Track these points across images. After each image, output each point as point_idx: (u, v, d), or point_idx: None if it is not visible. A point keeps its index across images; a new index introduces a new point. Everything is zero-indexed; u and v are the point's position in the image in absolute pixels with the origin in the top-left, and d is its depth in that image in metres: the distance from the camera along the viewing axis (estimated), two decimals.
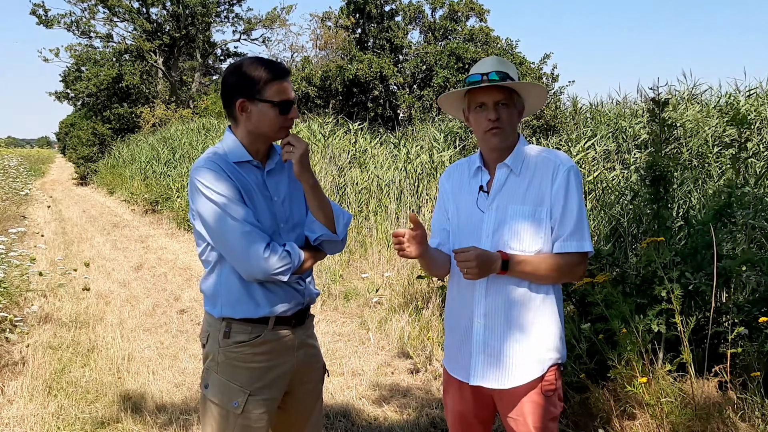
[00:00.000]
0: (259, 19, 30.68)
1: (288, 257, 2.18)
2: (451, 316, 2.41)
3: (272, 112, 2.17)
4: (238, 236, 2.12)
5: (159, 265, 9.29)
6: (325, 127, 13.19)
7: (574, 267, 2.19)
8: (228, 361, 2.24)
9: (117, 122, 29.04)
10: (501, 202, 2.23)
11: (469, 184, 2.34)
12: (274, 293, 2.24)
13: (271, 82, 2.16)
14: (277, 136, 2.24)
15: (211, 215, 2.15)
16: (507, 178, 2.25)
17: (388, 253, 7.64)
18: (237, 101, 2.19)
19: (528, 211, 2.18)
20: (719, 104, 11.59)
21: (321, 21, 24.57)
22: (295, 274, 2.23)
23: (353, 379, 4.76)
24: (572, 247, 2.16)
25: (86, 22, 29.42)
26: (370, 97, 21.81)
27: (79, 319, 6.32)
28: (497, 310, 2.22)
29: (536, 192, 2.19)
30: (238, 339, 2.24)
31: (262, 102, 2.16)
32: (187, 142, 17.29)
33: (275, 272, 2.15)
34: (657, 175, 3.90)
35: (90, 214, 15.84)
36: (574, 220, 2.16)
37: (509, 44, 22.49)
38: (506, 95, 2.21)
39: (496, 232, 2.21)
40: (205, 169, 2.18)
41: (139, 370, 5.01)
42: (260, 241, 2.13)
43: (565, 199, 2.16)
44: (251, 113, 2.19)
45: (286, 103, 2.19)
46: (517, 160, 2.25)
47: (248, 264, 2.14)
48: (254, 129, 2.21)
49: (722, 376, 3.51)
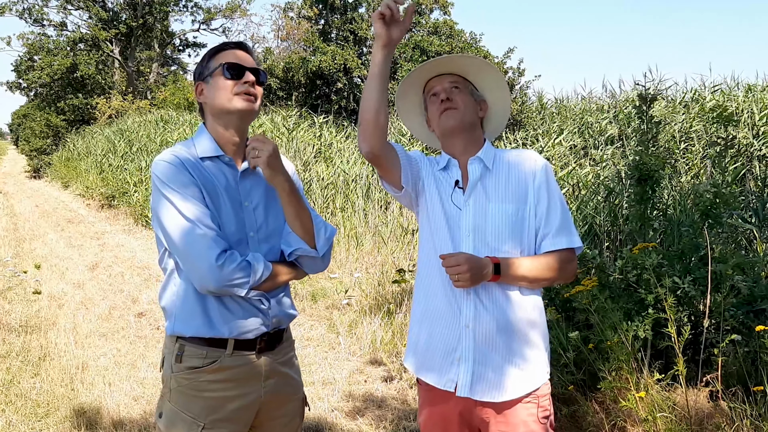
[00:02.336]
0: (219, 8, 30.12)
1: (247, 268, 1.90)
2: (427, 320, 2.13)
3: (220, 81, 1.98)
4: (192, 240, 1.86)
5: (116, 264, 8.88)
6: (289, 120, 12.88)
7: (566, 264, 2.05)
8: (180, 388, 1.97)
9: (72, 113, 28.18)
10: (478, 199, 2.07)
11: (436, 178, 2.14)
12: (230, 311, 1.95)
13: (215, 54, 2.02)
14: (233, 106, 1.97)
15: (165, 214, 1.89)
16: (482, 174, 2.09)
17: (357, 251, 7.40)
18: (196, 89, 2.04)
19: (511, 209, 2.04)
20: (684, 100, 11.64)
21: (283, 11, 24.13)
22: (261, 290, 1.96)
23: (324, 388, 4.52)
24: (562, 243, 2.03)
25: (39, 10, 28.52)
26: (334, 89, 21.51)
27: (29, 324, 5.95)
28: (487, 314, 2.01)
29: (516, 188, 2.06)
30: (191, 364, 1.96)
31: (209, 76, 2.00)
32: (144, 135, 16.76)
33: (229, 284, 1.87)
34: (644, 174, 3.73)
35: (43, 209, 15.24)
36: (560, 216, 2.05)
37: (473, 38, 22.39)
38: (457, 79, 2.17)
39: (476, 230, 2.04)
40: (164, 162, 1.92)
41: (94, 380, 4.69)
42: (215, 247, 1.86)
43: (548, 195, 2.06)
44: (206, 94, 2.02)
45: (233, 66, 1.98)
46: (488, 154, 2.11)
47: (200, 271, 1.86)
48: (212, 109, 2.02)
49: (713, 386, 3.37)
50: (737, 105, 9.67)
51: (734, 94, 10.85)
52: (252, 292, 1.93)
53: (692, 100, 11.46)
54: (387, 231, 7.64)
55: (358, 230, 8.01)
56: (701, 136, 9.38)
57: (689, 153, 8.97)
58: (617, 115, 11.77)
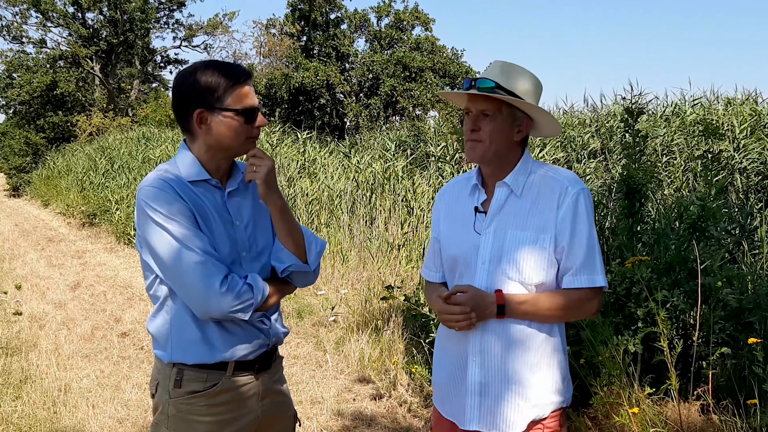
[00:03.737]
0: (201, 25, 30.00)
1: (249, 292, 1.87)
2: (441, 351, 2.14)
3: (236, 122, 1.87)
4: (191, 267, 1.81)
5: (98, 283, 8.75)
6: (272, 136, 12.83)
7: (584, 304, 1.93)
8: (180, 414, 1.92)
9: (52, 131, 27.96)
10: (499, 226, 1.96)
11: (465, 203, 2.06)
12: (233, 334, 1.92)
13: (232, 87, 1.86)
14: (242, 149, 1.93)
15: (159, 243, 1.83)
16: (507, 199, 1.98)
17: (342, 267, 7.35)
18: (194, 113, 1.87)
19: (529, 237, 1.92)
20: (665, 113, 11.74)
21: (265, 28, 24.17)
22: (259, 311, 1.93)
23: (313, 407, 4.45)
24: (582, 282, 1.90)
25: (18, 27, 28.28)
26: (317, 105, 21.55)
27: (9, 346, 5.83)
28: (494, 347, 1.96)
29: (539, 216, 1.93)
30: (191, 388, 1.91)
31: (223, 111, 1.86)
32: (126, 152, 16.65)
33: (234, 310, 1.84)
34: (632, 188, 3.73)
35: (23, 228, 15.04)
36: (584, 251, 1.90)
37: (455, 53, 22.57)
38: (492, 105, 1.93)
39: (494, 259, 1.95)
40: (153, 189, 1.85)
41: (77, 403, 4.59)
42: (217, 273, 1.83)
43: (573, 226, 1.90)
44: (211, 125, 1.88)
45: (251, 110, 1.89)
46: (518, 178, 1.98)
47: (202, 300, 1.82)
48: (215, 143, 1.90)
49: (704, 399, 3.36)
50: (718, 118, 9.78)
51: (714, 108, 10.98)
52: (254, 314, 1.91)
53: (673, 113, 11.57)
54: (373, 246, 7.61)
55: (343, 246, 7.97)
56: (683, 150, 9.47)
57: (671, 166, 9.04)
58: (599, 129, 11.85)
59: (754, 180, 8.10)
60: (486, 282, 1.95)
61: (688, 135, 9.64)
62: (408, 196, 8.70)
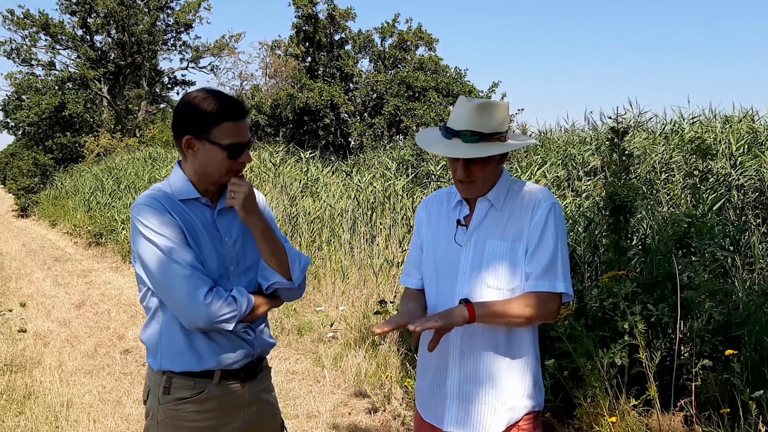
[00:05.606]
0: (208, 47, 30.34)
1: (234, 303, 1.99)
2: (424, 357, 2.24)
3: (220, 155, 1.98)
4: (178, 280, 1.93)
5: (102, 302, 8.88)
6: (276, 156, 12.98)
7: (544, 304, 2.01)
8: (168, 419, 2.04)
9: (60, 152, 28.18)
10: (479, 237, 2.09)
11: (448, 216, 2.18)
12: (218, 344, 2.04)
13: (221, 122, 1.95)
14: (223, 179, 2.05)
15: (150, 257, 1.95)
16: (487, 213, 2.10)
17: (343, 285, 7.45)
18: (183, 137, 1.99)
19: (506, 246, 2.04)
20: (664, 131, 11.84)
21: (270, 49, 24.43)
22: (244, 322, 2.05)
23: (309, 421, 4.54)
24: (543, 287, 2.00)
25: (27, 50, 28.64)
26: (321, 125, 21.73)
27: (14, 363, 5.95)
28: (472, 353, 2.08)
29: (515, 227, 2.05)
30: (179, 395, 2.03)
31: (210, 143, 1.97)
32: (132, 172, 16.83)
33: (218, 320, 1.95)
34: (617, 205, 3.83)
35: (30, 248, 15.21)
36: (548, 259, 2.00)
37: (458, 73, 22.76)
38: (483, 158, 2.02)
39: (474, 268, 2.07)
40: (145, 207, 1.98)
41: (78, 417, 4.69)
42: (202, 285, 1.94)
43: (541, 235, 2.02)
44: (197, 152, 1.99)
45: (236, 146, 1.98)
46: (499, 194, 2.10)
47: (188, 311, 1.94)
48: (200, 169, 2.02)
49: (687, 410, 3.44)
50: (715, 136, 9.87)
51: (712, 125, 11.07)
52: (239, 325, 2.01)
53: (672, 131, 11.66)
54: (373, 264, 7.71)
55: (343, 264, 8.07)
56: (681, 167, 9.56)
57: (670, 183, 9.13)
58: (599, 147, 11.95)
59: (752, 197, 8.18)
60: (466, 290, 2.07)
61: (686, 153, 9.73)
62: (408, 215, 8.81)
